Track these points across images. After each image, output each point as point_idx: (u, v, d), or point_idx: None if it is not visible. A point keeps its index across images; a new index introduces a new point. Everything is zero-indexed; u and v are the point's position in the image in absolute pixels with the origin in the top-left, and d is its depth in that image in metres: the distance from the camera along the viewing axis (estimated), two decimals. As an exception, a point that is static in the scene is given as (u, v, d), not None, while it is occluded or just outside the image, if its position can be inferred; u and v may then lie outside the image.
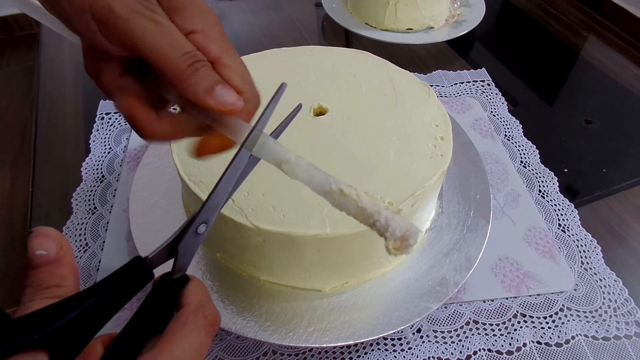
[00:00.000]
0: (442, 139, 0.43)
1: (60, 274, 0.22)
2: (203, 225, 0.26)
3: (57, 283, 0.22)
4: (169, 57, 0.23)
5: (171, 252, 0.26)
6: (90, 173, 0.57)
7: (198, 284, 0.26)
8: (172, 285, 0.26)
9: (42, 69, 0.75)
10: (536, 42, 0.83)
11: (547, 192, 0.54)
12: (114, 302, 0.22)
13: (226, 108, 0.25)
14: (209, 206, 0.25)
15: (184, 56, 0.24)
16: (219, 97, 0.24)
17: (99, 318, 0.22)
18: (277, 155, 0.25)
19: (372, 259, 0.41)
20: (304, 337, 0.38)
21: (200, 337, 0.24)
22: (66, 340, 0.20)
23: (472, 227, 0.46)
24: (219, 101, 0.24)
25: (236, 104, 0.25)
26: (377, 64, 0.52)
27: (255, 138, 0.25)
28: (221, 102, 0.24)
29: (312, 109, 0.45)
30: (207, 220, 0.26)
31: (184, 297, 0.25)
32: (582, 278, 0.46)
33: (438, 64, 0.74)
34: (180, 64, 0.24)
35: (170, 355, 0.23)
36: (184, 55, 0.24)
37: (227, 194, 0.26)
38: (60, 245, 0.22)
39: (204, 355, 0.24)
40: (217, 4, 0.93)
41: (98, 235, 0.50)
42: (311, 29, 0.87)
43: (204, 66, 0.24)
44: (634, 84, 0.72)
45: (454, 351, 0.41)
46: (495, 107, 0.66)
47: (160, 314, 0.24)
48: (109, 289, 0.22)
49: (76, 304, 0.21)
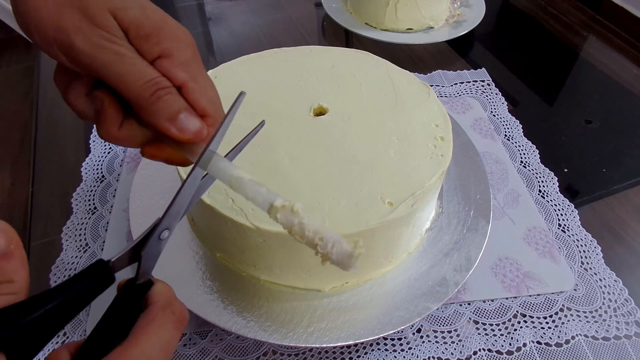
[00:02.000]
0: (442, 139, 0.43)
1: (12, 268, 0.21)
2: (166, 231, 0.26)
3: (9, 278, 0.21)
4: (131, 85, 0.24)
5: (134, 257, 0.26)
6: (90, 173, 0.57)
7: (163, 284, 0.26)
8: (136, 289, 0.26)
9: (42, 69, 0.75)
10: (536, 42, 0.83)
11: (547, 192, 0.54)
12: (75, 304, 0.22)
13: (187, 137, 0.25)
14: (171, 214, 0.26)
15: (147, 84, 0.24)
16: (181, 124, 0.24)
17: (60, 319, 0.22)
18: (226, 174, 0.25)
19: (372, 259, 0.41)
20: (304, 337, 0.38)
21: (169, 332, 0.24)
22: (25, 341, 0.20)
23: (472, 227, 0.46)
24: (181, 128, 0.24)
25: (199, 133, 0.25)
26: (377, 64, 0.52)
27: (208, 157, 0.25)
28: (183, 129, 0.25)
29: (312, 109, 0.45)
30: (169, 227, 0.26)
31: (151, 297, 0.25)
32: (582, 278, 0.46)
33: (438, 64, 0.74)
34: (142, 92, 0.24)
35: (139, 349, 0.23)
36: (146, 83, 0.24)
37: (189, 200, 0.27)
38: (10, 238, 0.22)
39: (172, 350, 0.25)
40: (217, 4, 0.93)
41: (98, 235, 0.50)
42: (311, 29, 0.87)
43: (167, 93, 0.24)
44: (634, 84, 0.72)
45: (454, 351, 0.41)
46: (495, 107, 0.66)
47: (126, 318, 0.24)
48: (71, 291, 0.22)
49: (38, 305, 0.21)
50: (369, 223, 0.36)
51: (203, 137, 0.25)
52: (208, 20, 0.89)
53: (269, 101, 0.46)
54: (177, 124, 0.24)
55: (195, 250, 0.45)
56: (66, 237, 0.50)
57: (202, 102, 0.26)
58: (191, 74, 0.26)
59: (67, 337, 0.42)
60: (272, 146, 0.42)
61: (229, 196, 0.38)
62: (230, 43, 0.83)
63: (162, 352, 0.24)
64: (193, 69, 0.26)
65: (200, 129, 0.25)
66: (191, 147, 0.26)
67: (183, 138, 0.25)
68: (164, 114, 0.24)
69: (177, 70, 0.25)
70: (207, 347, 0.41)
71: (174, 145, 0.27)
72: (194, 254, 0.44)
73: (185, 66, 0.25)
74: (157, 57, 0.25)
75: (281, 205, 0.24)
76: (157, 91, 0.24)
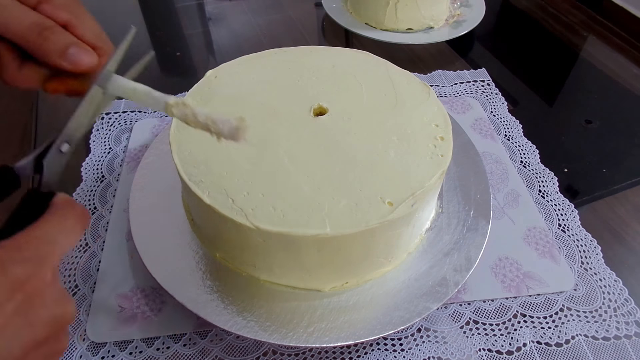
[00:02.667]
0: (442, 139, 0.43)
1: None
2: (66, 144, 0.29)
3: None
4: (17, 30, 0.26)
5: (37, 166, 0.28)
6: (90, 173, 0.57)
7: (65, 195, 0.28)
8: (40, 196, 0.28)
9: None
10: (536, 42, 0.83)
11: (547, 192, 0.54)
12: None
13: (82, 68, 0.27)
14: (69, 127, 0.29)
15: (31, 26, 0.26)
16: (73, 57, 0.27)
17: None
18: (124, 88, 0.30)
19: (372, 259, 0.41)
20: (304, 337, 0.38)
21: (71, 221, 0.26)
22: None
23: (472, 227, 0.46)
24: (73, 61, 0.27)
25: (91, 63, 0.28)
26: (377, 64, 0.52)
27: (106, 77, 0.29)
28: (76, 62, 0.27)
29: (312, 109, 0.45)
30: (69, 141, 0.29)
31: (53, 201, 0.27)
32: (582, 278, 0.46)
33: (438, 64, 0.74)
34: (28, 35, 0.26)
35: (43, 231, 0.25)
36: (30, 25, 0.26)
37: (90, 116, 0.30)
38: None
39: (75, 240, 0.27)
40: (217, 4, 0.93)
41: (98, 235, 0.50)
42: (311, 29, 0.87)
43: (53, 32, 0.27)
44: (634, 84, 0.72)
45: (454, 351, 0.41)
46: (495, 107, 0.66)
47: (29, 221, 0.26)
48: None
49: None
50: (369, 223, 0.36)
51: (95, 65, 0.28)
52: (208, 20, 0.89)
53: (269, 101, 0.46)
54: (68, 58, 0.27)
55: (195, 250, 0.45)
56: (66, 237, 0.50)
57: (88, 35, 0.28)
58: (74, 13, 0.28)
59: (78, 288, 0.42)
60: (272, 146, 0.42)
61: (228, 196, 0.38)
62: (230, 43, 0.83)
63: (65, 238, 0.26)
64: (74, 8, 0.28)
65: (91, 59, 0.28)
66: (89, 76, 0.29)
67: (77, 70, 0.27)
68: (54, 51, 0.26)
69: (59, 12, 0.27)
70: (207, 347, 0.41)
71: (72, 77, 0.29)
72: (194, 254, 0.44)
73: (66, 7, 0.28)
74: (38, 3, 0.27)
75: (174, 102, 0.30)
76: (43, 31, 0.26)
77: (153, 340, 0.42)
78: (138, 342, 0.42)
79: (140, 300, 0.44)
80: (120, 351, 0.41)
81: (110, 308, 0.43)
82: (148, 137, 0.60)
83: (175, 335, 0.42)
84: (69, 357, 0.41)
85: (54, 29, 0.27)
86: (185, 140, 0.42)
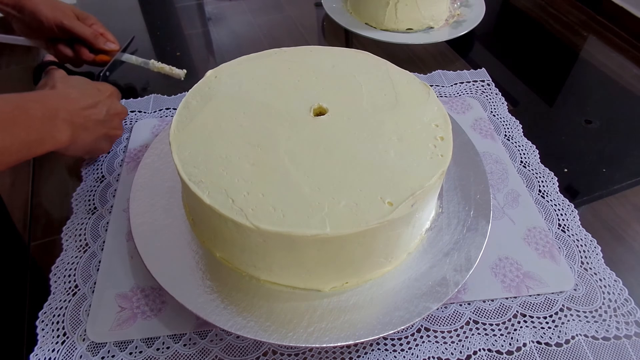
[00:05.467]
0: (442, 139, 0.43)
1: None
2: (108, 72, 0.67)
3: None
4: (87, 34, 0.64)
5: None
6: (90, 173, 0.57)
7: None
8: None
9: (42, 69, 0.75)
10: (536, 42, 0.83)
11: (547, 192, 0.54)
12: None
13: (111, 48, 0.66)
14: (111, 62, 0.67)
15: (91, 33, 0.64)
16: (107, 46, 0.66)
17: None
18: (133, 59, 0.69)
19: (372, 259, 0.41)
20: (304, 337, 0.38)
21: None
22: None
23: (472, 227, 0.46)
24: (108, 47, 0.66)
25: (115, 47, 0.67)
26: (377, 64, 0.52)
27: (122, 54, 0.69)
28: (108, 47, 0.66)
29: (312, 109, 0.45)
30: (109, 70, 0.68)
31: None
32: (582, 278, 0.46)
33: (438, 64, 0.74)
34: (91, 37, 0.64)
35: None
36: (91, 33, 0.64)
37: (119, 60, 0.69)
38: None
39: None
40: (217, 4, 0.93)
41: (98, 235, 0.50)
42: (311, 29, 0.87)
43: (98, 37, 0.65)
44: (634, 84, 0.72)
45: (454, 351, 0.41)
46: (495, 107, 0.66)
47: None
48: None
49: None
50: (369, 223, 0.36)
51: (115, 49, 0.67)
52: (208, 20, 0.89)
53: (269, 101, 0.46)
54: (106, 45, 0.66)
55: (195, 250, 0.45)
56: (66, 237, 0.50)
57: (110, 37, 0.67)
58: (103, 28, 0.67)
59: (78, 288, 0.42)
60: (272, 146, 0.42)
61: (228, 196, 0.38)
62: (230, 43, 0.83)
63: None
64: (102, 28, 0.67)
65: (115, 46, 0.67)
66: (112, 53, 0.67)
67: (109, 50, 0.66)
68: (101, 43, 0.65)
69: (99, 28, 0.66)
70: (207, 347, 0.41)
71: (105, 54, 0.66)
72: (194, 254, 0.44)
73: (101, 26, 0.67)
74: (91, 25, 0.66)
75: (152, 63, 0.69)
76: (97, 36, 0.65)
77: (153, 340, 0.42)
78: (138, 342, 0.42)
79: (140, 300, 0.44)
80: (120, 351, 0.41)
81: (110, 308, 0.43)
82: (148, 137, 0.61)
83: (175, 335, 0.42)
84: (69, 357, 0.41)
85: (99, 36, 0.65)
86: (185, 140, 0.42)
